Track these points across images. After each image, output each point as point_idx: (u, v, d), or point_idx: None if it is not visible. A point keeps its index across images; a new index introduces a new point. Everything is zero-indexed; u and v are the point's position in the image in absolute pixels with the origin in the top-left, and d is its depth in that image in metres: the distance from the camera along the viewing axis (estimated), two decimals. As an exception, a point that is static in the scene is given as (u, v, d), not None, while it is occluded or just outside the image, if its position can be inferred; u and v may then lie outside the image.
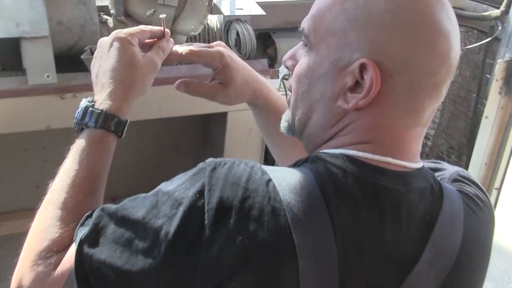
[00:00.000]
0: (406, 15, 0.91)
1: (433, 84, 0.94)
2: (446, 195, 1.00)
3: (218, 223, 0.86)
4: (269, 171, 0.93)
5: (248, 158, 1.60)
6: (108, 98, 1.15)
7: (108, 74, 1.16)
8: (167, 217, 0.88)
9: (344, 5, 0.95)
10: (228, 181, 0.89)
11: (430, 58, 0.92)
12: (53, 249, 1.00)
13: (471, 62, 2.90)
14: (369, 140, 0.96)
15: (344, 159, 0.95)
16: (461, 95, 2.97)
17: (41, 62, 1.72)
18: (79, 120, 1.15)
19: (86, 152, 1.11)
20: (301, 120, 1.06)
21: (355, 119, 0.97)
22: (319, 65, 0.99)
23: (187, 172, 0.94)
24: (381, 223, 0.92)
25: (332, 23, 0.96)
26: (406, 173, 0.97)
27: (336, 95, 0.97)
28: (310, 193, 0.89)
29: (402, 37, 0.91)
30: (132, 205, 0.94)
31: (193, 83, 1.33)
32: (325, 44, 0.97)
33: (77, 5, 1.79)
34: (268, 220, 0.86)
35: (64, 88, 1.82)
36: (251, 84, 1.37)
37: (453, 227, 0.99)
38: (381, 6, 0.92)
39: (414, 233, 0.95)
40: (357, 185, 0.92)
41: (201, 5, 1.92)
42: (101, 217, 0.95)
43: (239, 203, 0.87)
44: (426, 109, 0.96)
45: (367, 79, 0.92)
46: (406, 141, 0.98)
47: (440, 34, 0.92)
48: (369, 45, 0.92)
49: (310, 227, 0.87)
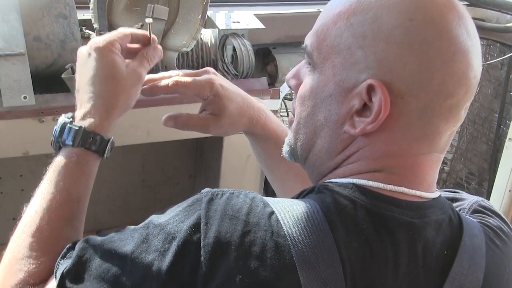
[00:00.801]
0: (419, 31, 0.90)
1: (449, 107, 0.93)
2: (466, 228, 0.99)
3: (215, 260, 0.85)
4: (272, 202, 0.92)
5: (246, 186, 1.60)
6: (88, 114, 1.13)
7: (87, 88, 1.15)
8: (159, 252, 0.88)
9: (351, 20, 0.94)
10: (226, 214, 0.89)
11: (446, 78, 0.91)
12: (29, 281, 1.00)
13: (492, 79, 2.91)
14: (380, 169, 0.96)
15: (354, 189, 0.94)
16: (481, 115, 2.98)
17: (17, 82, 1.72)
18: (57, 137, 1.13)
19: (62, 174, 1.10)
20: (304, 146, 1.05)
21: (364, 146, 0.96)
22: (323, 86, 0.98)
23: (181, 203, 0.94)
24: (395, 261, 0.91)
25: (337, 40, 0.95)
26: (421, 204, 0.96)
27: (342, 119, 0.97)
28: (317, 227, 0.89)
29: (414, 56, 0.90)
30: (119, 238, 0.94)
31: (182, 116, 1.32)
32: (329, 63, 0.97)
33: (57, 19, 1.80)
34: (271, 257, 0.86)
35: (43, 110, 1.82)
36: (246, 112, 1.36)
37: (474, 263, 0.98)
38: (391, 21, 0.91)
39: (431, 270, 0.94)
40: (368, 218, 0.91)
41: (194, 19, 1.93)
42: (85, 249, 0.94)
43: (238, 238, 0.86)
44: (442, 134, 0.96)
45: (376, 102, 0.91)
46: (421, 169, 0.97)
47: (457, 51, 0.91)
48: (378, 65, 0.91)
49: (317, 265, 0.86)
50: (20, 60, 1.70)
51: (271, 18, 2.34)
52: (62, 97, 1.84)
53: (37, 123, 1.83)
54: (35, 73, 1.77)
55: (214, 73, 1.34)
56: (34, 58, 1.79)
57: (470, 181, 3.14)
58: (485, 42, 2.89)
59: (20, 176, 2.34)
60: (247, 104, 1.37)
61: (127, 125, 1.94)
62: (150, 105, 1.93)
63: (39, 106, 1.81)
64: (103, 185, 2.42)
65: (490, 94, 2.93)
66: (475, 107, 2.98)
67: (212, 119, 1.32)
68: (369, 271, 0.89)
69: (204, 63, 2.10)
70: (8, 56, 1.68)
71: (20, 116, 1.80)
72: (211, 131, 1.34)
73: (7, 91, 1.72)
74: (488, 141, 2.99)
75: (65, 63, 1.81)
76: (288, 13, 2.43)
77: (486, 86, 2.95)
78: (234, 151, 2.18)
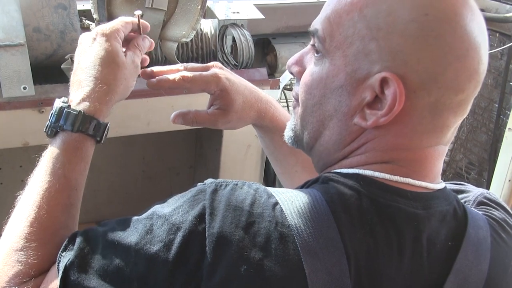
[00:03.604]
0: (434, 26, 0.90)
1: (460, 101, 0.93)
2: (471, 220, 0.99)
3: (220, 250, 0.86)
4: (275, 193, 0.93)
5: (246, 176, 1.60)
6: (87, 98, 1.12)
7: (88, 71, 1.14)
8: (163, 242, 0.88)
9: (364, 12, 0.93)
10: (230, 205, 0.89)
11: (459, 73, 0.91)
12: (30, 273, 0.98)
13: (492, 69, 2.90)
14: (388, 160, 0.96)
15: (359, 179, 0.94)
16: (481, 105, 2.98)
17: (17, 73, 1.72)
18: (53, 122, 1.11)
19: (61, 160, 1.08)
20: (311, 135, 1.05)
21: (373, 138, 0.96)
22: (334, 76, 0.97)
23: (185, 194, 0.94)
24: (399, 251, 0.91)
25: (351, 30, 0.94)
26: (427, 195, 0.96)
27: (352, 111, 0.96)
28: (321, 218, 0.89)
29: (429, 50, 0.89)
30: (122, 228, 0.93)
31: (190, 113, 1.31)
32: (341, 52, 0.96)
33: (56, 9, 1.80)
34: (275, 247, 0.86)
35: (43, 101, 1.82)
36: (254, 105, 1.35)
37: (478, 255, 0.98)
38: (406, 15, 0.90)
39: (435, 261, 0.94)
40: (372, 208, 0.92)
41: (193, 9, 1.93)
42: (87, 241, 0.94)
43: (243, 229, 0.87)
44: (450, 127, 0.96)
45: (389, 95, 0.91)
46: (428, 161, 0.97)
47: (470, 47, 0.91)
48: (392, 57, 0.91)
49: (321, 255, 0.86)
50: (19, 51, 1.69)
51: (270, 8, 2.33)
52: (62, 88, 1.84)
53: (36, 113, 1.82)
54: (34, 64, 1.77)
55: (221, 68, 1.33)
56: (34, 49, 1.79)
57: (470, 171, 3.14)
58: (485, 32, 2.89)
59: (20, 167, 2.34)
60: (255, 97, 1.36)
61: (127, 115, 1.94)
62: (150, 96, 1.93)
63: (39, 96, 1.80)
64: (104, 176, 2.42)
65: (490, 84, 2.93)
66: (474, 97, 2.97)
67: (220, 114, 1.31)
68: (373, 261, 0.90)
69: (204, 53, 2.10)
70: (8, 47, 1.68)
71: (19, 106, 1.80)
72: (220, 125, 1.34)
73: (7, 81, 1.72)
74: (488, 131, 2.99)
75: (65, 54, 1.81)
76: (287, 3, 2.42)
77: (485, 76, 2.92)
78: (234, 141, 2.18)
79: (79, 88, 1.13)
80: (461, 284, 0.95)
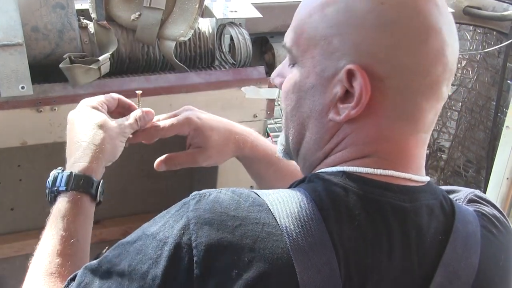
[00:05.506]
0: (390, 13, 0.92)
1: (429, 84, 0.95)
2: (459, 214, 1.01)
3: (209, 258, 0.86)
4: (263, 195, 0.94)
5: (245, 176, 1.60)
6: (77, 160, 1.22)
7: (76, 139, 1.24)
8: (152, 259, 0.89)
9: (324, 11, 0.97)
10: (215, 212, 0.90)
11: (423, 56, 0.93)
12: None
13: (490, 67, 2.91)
14: (368, 154, 0.97)
15: (344, 176, 0.96)
16: (479, 103, 2.98)
17: (15, 72, 1.72)
18: (50, 187, 1.20)
19: (60, 217, 1.17)
20: (294, 140, 1.07)
21: (350, 132, 0.98)
22: (305, 78, 1.00)
23: (170, 209, 0.96)
24: (389, 246, 0.92)
25: (314, 32, 0.98)
26: (413, 188, 0.98)
27: (326, 108, 0.99)
28: (309, 216, 0.90)
29: (388, 38, 0.92)
30: (114, 255, 0.95)
31: (170, 158, 1.41)
32: (308, 55, 0.99)
33: (54, 9, 1.80)
34: (264, 247, 0.87)
35: (41, 100, 1.82)
36: (230, 137, 1.41)
37: (468, 249, 0.99)
38: (363, 7, 0.93)
39: (425, 255, 0.95)
40: (360, 204, 0.93)
41: (191, 8, 1.93)
42: (84, 275, 0.96)
43: (230, 234, 0.87)
44: (425, 112, 0.97)
45: (357, 87, 0.93)
46: (408, 151, 0.98)
47: (430, 29, 0.93)
48: (354, 50, 0.93)
49: (311, 254, 0.87)
50: (18, 50, 1.69)
51: (268, 7, 2.33)
52: (60, 87, 1.84)
53: (35, 113, 1.82)
54: (33, 63, 1.77)
55: (191, 109, 1.42)
56: (32, 48, 1.79)
57: (468, 169, 3.14)
58: (482, 30, 2.89)
59: (18, 166, 2.34)
60: (230, 130, 1.42)
61: (125, 114, 1.94)
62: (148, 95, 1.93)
63: (37, 96, 1.80)
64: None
65: (488, 82, 2.93)
66: (472, 95, 2.98)
67: (199, 152, 1.40)
68: (363, 257, 0.90)
69: (202, 52, 2.10)
70: (6, 46, 1.68)
71: (18, 106, 1.80)
72: (202, 163, 1.42)
73: (5, 81, 1.72)
74: (485, 129, 3.00)
75: (63, 53, 1.81)
76: (285, 2, 2.42)
77: (483, 74, 2.95)
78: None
79: (71, 157, 1.24)
80: (451, 278, 0.96)
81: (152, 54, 2.02)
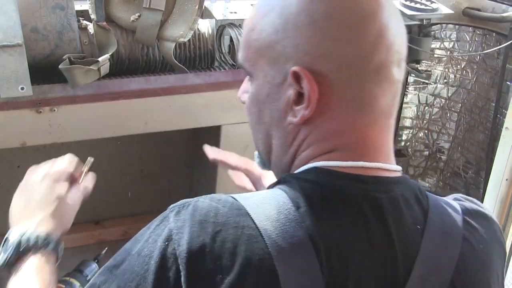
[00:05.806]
0: (320, 8, 0.94)
1: (374, 69, 0.95)
2: (433, 206, 1.02)
3: (193, 265, 0.87)
4: (240, 199, 0.95)
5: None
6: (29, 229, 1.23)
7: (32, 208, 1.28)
8: (140, 275, 0.90)
9: (264, 21, 0.99)
10: (195, 220, 0.91)
11: (360, 44, 0.94)
12: None
13: (489, 68, 2.90)
14: (332, 149, 0.98)
15: (316, 172, 0.97)
16: (478, 105, 2.98)
17: (15, 73, 1.72)
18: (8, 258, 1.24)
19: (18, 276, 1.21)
20: (265, 151, 1.10)
21: (310, 132, 0.99)
22: (260, 89, 1.03)
23: (149, 225, 0.97)
24: (368, 237, 0.93)
25: (258, 44, 1.00)
26: (386, 179, 0.99)
27: (284, 113, 1.00)
28: (287, 216, 0.91)
29: (323, 33, 0.93)
30: (102, 281, 0.95)
31: None
32: (258, 67, 1.01)
33: (54, 10, 1.80)
34: (245, 250, 0.88)
35: (40, 101, 1.82)
36: None
37: (446, 241, 1.00)
38: (294, 9, 0.95)
39: (406, 245, 0.96)
40: (335, 198, 0.94)
41: (191, 9, 1.93)
42: None
43: (210, 240, 0.88)
44: (380, 99, 0.97)
45: (305, 87, 0.94)
46: (371, 140, 0.99)
47: (364, 16, 0.94)
48: (295, 52, 0.95)
49: (291, 254, 0.88)
50: (17, 51, 1.69)
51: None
52: (60, 88, 1.84)
53: (34, 113, 1.82)
54: (32, 64, 1.77)
55: None
56: (32, 49, 1.79)
57: (467, 170, 3.14)
58: (481, 32, 2.89)
59: (17, 167, 2.34)
60: None
61: (125, 115, 1.94)
62: (147, 96, 1.93)
63: (37, 96, 1.80)
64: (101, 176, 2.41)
65: (487, 83, 2.93)
66: (471, 97, 2.98)
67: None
68: (343, 251, 0.91)
69: (201, 53, 2.10)
70: (6, 47, 1.68)
71: (17, 107, 1.80)
72: None
73: (5, 82, 1.72)
74: (485, 130, 2.99)
75: (63, 54, 1.81)
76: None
77: (482, 75, 2.95)
78: (231, 141, 2.18)
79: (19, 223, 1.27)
80: (431, 268, 0.97)
81: (151, 55, 2.02)
